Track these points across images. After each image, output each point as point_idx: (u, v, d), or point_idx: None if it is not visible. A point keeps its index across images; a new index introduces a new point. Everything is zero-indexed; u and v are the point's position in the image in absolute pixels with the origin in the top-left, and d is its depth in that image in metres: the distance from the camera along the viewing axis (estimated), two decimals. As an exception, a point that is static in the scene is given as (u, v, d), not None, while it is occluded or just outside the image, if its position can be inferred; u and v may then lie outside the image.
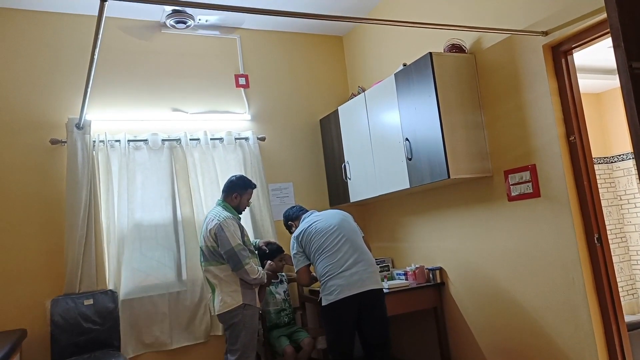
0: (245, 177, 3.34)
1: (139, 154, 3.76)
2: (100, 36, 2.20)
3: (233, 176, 3.32)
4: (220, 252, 3.05)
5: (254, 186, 3.34)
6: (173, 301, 3.66)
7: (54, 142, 3.53)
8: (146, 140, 3.79)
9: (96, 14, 2.05)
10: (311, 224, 3.08)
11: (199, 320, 3.70)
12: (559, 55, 2.74)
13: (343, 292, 2.85)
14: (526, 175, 2.89)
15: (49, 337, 3.21)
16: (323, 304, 2.95)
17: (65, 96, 3.66)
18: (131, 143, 3.74)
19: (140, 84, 3.93)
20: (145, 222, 3.69)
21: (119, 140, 3.70)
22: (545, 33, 2.72)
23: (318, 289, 3.34)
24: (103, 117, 3.74)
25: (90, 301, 3.32)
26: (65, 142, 3.53)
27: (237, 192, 3.24)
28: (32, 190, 3.47)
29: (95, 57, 2.41)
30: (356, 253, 2.95)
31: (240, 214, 3.29)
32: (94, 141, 3.61)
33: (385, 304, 3.00)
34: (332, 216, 3.11)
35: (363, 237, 3.16)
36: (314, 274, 3.13)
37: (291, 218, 3.35)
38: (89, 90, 2.87)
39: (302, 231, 3.09)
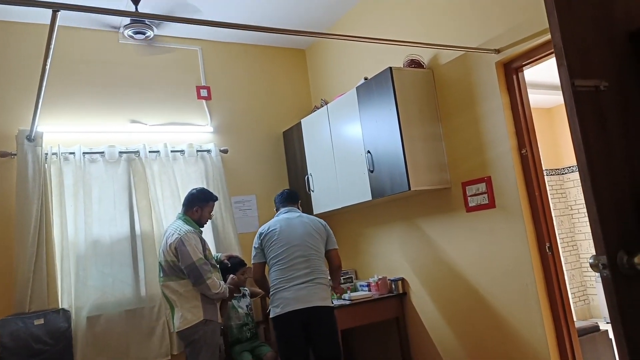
0: (206, 190, 3.29)
1: (94, 167, 3.65)
2: (52, 46, 2.14)
3: (194, 189, 3.26)
4: (180, 267, 2.98)
5: (216, 199, 3.29)
6: (131, 319, 3.54)
7: (3, 154, 3.39)
8: (102, 152, 3.68)
9: (48, 22, 1.99)
10: (276, 228, 3.06)
11: (159, 338, 3.58)
12: (511, 72, 2.86)
13: (288, 306, 2.87)
14: (482, 186, 2.98)
15: (-4, 360, 3.04)
16: (271, 316, 2.98)
17: (16, 107, 3.52)
18: (86, 155, 3.63)
19: (97, 95, 3.82)
20: (101, 238, 3.57)
21: (73, 153, 3.58)
22: (498, 51, 2.83)
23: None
24: (56, 128, 3.61)
25: (42, 321, 3.16)
26: (15, 154, 3.38)
27: (198, 205, 3.18)
28: (-21, 205, 3.31)
29: (47, 67, 2.33)
30: (309, 269, 2.96)
31: (202, 227, 3.23)
32: (46, 154, 3.48)
33: (333, 321, 3.00)
34: (300, 226, 3.06)
35: (334, 249, 3.14)
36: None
37: (276, 203, 3.33)
38: (40, 101, 2.77)
39: (266, 231, 3.10)
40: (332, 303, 3.05)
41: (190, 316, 2.96)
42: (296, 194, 3.40)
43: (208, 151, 4.08)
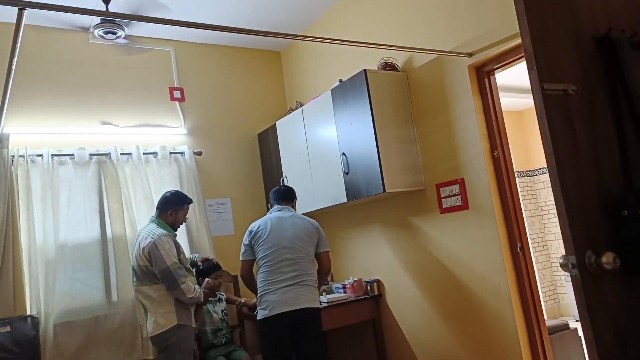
0: (180, 193, 3.23)
1: (63, 170, 3.55)
2: (18, 45, 2.07)
3: (167, 192, 3.20)
4: (154, 271, 2.92)
5: (190, 201, 3.24)
6: (101, 325, 3.45)
7: (-34, 156, 3.26)
8: (72, 154, 3.59)
9: (14, 21, 1.93)
10: (267, 226, 3.02)
11: (131, 344, 3.51)
12: (483, 75, 2.92)
13: (276, 308, 2.85)
14: (455, 188, 3.02)
15: (-42, 371, 2.92)
16: (258, 318, 2.94)
17: (-19, 107, 3.40)
18: (55, 158, 3.53)
19: (66, 96, 3.73)
20: (71, 242, 3.47)
21: (41, 155, 3.48)
22: (470, 54, 2.88)
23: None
24: (23, 130, 3.50)
25: (7, 328, 3.05)
26: (-20, 156, 3.27)
27: (172, 208, 3.12)
28: (-60, 210, 3.17)
29: (14, 66, 2.26)
30: (296, 272, 2.93)
31: (176, 230, 3.18)
32: (13, 156, 3.37)
33: (320, 323, 3.00)
34: (290, 227, 3.01)
35: (324, 252, 3.10)
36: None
37: (270, 199, 3.26)
38: (6, 101, 2.68)
39: (256, 227, 3.05)
40: (320, 304, 3.02)
41: (164, 321, 2.91)
42: (292, 192, 3.27)
43: (182, 153, 4.02)
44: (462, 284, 3.05)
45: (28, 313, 3.23)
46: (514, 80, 4.71)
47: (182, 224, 3.21)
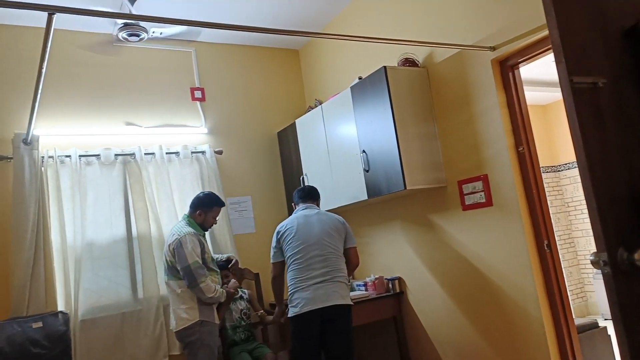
0: (213, 195, 3.27)
1: (90, 170, 3.63)
2: (48, 49, 2.13)
3: (201, 192, 3.29)
4: (177, 267, 2.99)
5: (222, 204, 3.28)
6: (128, 321, 3.52)
7: (-1, 158, 3.37)
8: (98, 155, 3.67)
9: (44, 26, 1.98)
10: (293, 225, 3.03)
11: (157, 339, 3.57)
12: (507, 69, 2.87)
13: (307, 305, 2.85)
14: (479, 185, 2.99)
15: (-7, 366, 3.02)
16: (289, 315, 2.96)
17: (12, 110, 3.50)
18: (82, 158, 3.61)
19: (92, 98, 3.81)
20: (98, 240, 3.56)
21: (69, 156, 3.56)
22: (493, 48, 2.84)
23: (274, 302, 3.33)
24: (52, 132, 3.59)
25: (40, 324, 3.14)
26: (12, 158, 3.36)
27: (201, 209, 3.18)
28: (-26, 210, 3.28)
29: (44, 70, 2.32)
30: (326, 268, 2.93)
31: (206, 230, 3.24)
32: (43, 157, 3.46)
33: (350, 320, 2.99)
34: (318, 224, 3.02)
35: (352, 247, 3.10)
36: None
37: (295, 199, 3.26)
38: (36, 104, 2.75)
39: (283, 227, 3.06)
40: (351, 301, 3.00)
41: (186, 317, 2.98)
42: (316, 191, 3.27)
43: (203, 152, 4.07)
44: (485, 282, 3.01)
45: (59, 309, 3.32)
46: (538, 74, 4.62)
47: (211, 225, 3.25)
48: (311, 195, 3.24)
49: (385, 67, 3.16)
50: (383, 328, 3.90)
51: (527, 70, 3.43)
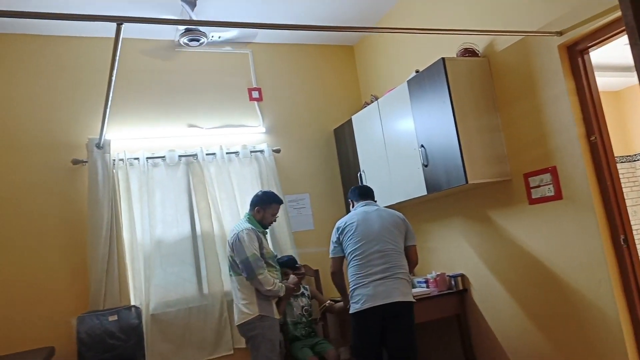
0: (270, 192, 3.36)
1: (156, 171, 3.81)
2: (117, 57, 2.25)
3: (260, 191, 3.39)
4: (236, 261, 3.10)
5: (280, 201, 3.35)
6: (195, 315, 3.68)
7: (75, 162, 3.61)
8: (164, 156, 3.84)
9: (113, 36, 2.09)
10: (354, 221, 3.03)
11: (222, 334, 3.70)
12: (575, 55, 2.71)
13: (368, 302, 2.85)
14: (547, 177, 2.84)
15: (76, 354, 3.24)
16: (350, 312, 2.96)
17: (85, 117, 3.74)
18: (149, 160, 3.80)
19: (157, 102, 3.99)
20: (165, 238, 3.73)
21: (137, 158, 3.76)
22: (560, 33, 2.69)
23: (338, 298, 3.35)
24: (122, 136, 3.81)
25: (115, 317, 3.35)
26: (86, 162, 3.59)
27: (259, 206, 3.27)
28: (56, 211, 3.54)
29: (113, 78, 2.46)
30: (387, 264, 2.91)
31: (266, 228, 3.32)
32: (114, 160, 3.68)
33: (412, 317, 2.95)
34: (378, 220, 3.02)
35: (412, 246, 3.09)
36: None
37: (352, 197, 3.28)
38: (107, 110, 2.93)
39: (344, 224, 3.07)
40: (413, 298, 2.97)
41: (247, 311, 3.08)
42: (372, 190, 3.30)
43: (261, 151, 4.15)
44: (556, 279, 2.86)
45: (132, 303, 3.52)
46: (609, 58, 4.33)
47: (271, 222, 3.33)
48: (369, 193, 3.26)
49: (443, 58, 3.07)
50: (446, 326, 3.82)
51: (598, 55, 3.23)
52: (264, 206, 3.27)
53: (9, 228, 3.42)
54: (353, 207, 3.25)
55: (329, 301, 3.75)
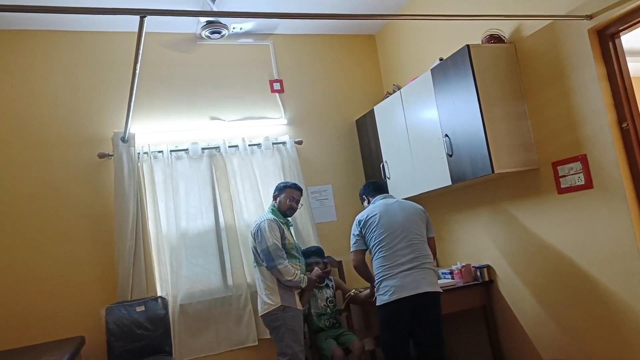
0: (288, 181, 3.43)
1: (180, 164, 3.85)
2: (141, 50, 2.26)
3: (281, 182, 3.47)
4: (258, 251, 3.14)
5: (293, 186, 3.37)
6: (219, 306, 3.72)
7: (101, 155, 3.67)
8: (187, 149, 3.87)
9: (135, 30, 2.10)
10: (376, 213, 3.01)
11: (246, 325, 3.74)
12: (606, 39, 2.62)
13: (396, 293, 2.82)
14: (576, 166, 2.76)
15: (105, 344, 3.32)
16: (377, 304, 2.94)
17: (110, 111, 3.79)
18: (173, 153, 3.83)
19: (179, 95, 4.02)
20: (190, 230, 3.77)
21: (161, 151, 3.80)
22: (590, 17, 2.60)
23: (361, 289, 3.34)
24: (146, 129, 3.85)
25: (142, 308, 3.41)
26: (112, 155, 3.65)
27: (275, 193, 3.37)
28: (84, 205, 3.62)
29: (137, 71, 2.47)
30: (413, 254, 2.89)
31: (287, 217, 3.34)
32: (139, 153, 3.72)
33: (440, 308, 2.93)
34: (400, 211, 3.01)
35: (432, 237, 3.09)
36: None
37: (366, 192, 3.28)
38: (132, 104, 2.96)
39: (365, 216, 3.05)
40: (440, 288, 2.96)
41: (269, 301, 3.11)
42: (386, 183, 3.33)
43: (283, 143, 4.15)
44: (586, 271, 2.79)
45: (158, 294, 3.57)
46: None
47: (289, 208, 3.33)
48: (383, 187, 3.28)
49: (468, 45, 3.01)
50: (471, 318, 3.77)
51: (629, 39, 3.11)
52: (279, 192, 3.34)
53: (41, 223, 3.50)
54: (368, 202, 3.24)
55: (353, 290, 3.74)
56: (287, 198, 3.32)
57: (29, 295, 3.39)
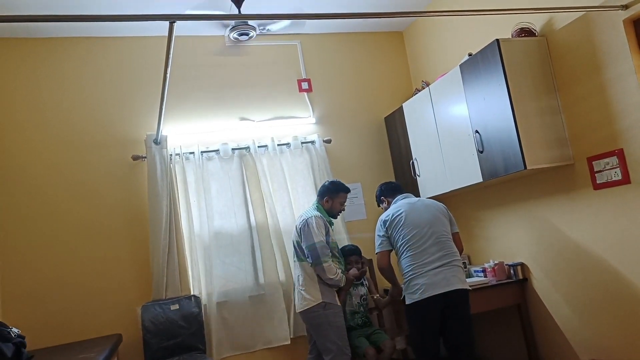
0: (338, 182, 3.38)
1: (211, 164, 3.92)
2: (171, 54, 2.32)
3: (327, 181, 3.42)
4: (302, 246, 3.13)
5: (347, 190, 3.37)
6: (252, 305, 3.77)
7: (135, 158, 3.77)
8: (217, 150, 3.94)
9: (165, 34, 2.16)
10: (401, 212, 3.00)
11: (279, 323, 3.77)
12: (643, 29, 2.53)
13: (427, 291, 2.80)
14: (613, 160, 2.68)
15: (141, 341, 3.42)
16: (407, 303, 2.91)
17: (143, 114, 3.89)
18: (204, 154, 3.91)
19: (209, 97, 4.09)
20: (222, 230, 3.83)
21: (193, 152, 3.87)
22: (626, 7, 2.51)
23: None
24: (177, 131, 3.94)
25: (177, 306, 3.49)
26: (145, 157, 3.75)
27: (328, 195, 3.32)
28: (120, 206, 3.73)
29: (168, 75, 2.54)
30: (442, 251, 2.88)
31: (334, 217, 3.36)
32: (171, 155, 3.81)
33: (469, 306, 2.91)
34: (425, 209, 3.01)
35: (456, 233, 3.07)
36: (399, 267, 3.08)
37: (385, 193, 3.29)
38: (163, 107, 3.04)
39: (390, 216, 3.04)
40: (469, 286, 2.93)
41: (309, 297, 3.10)
42: (401, 185, 3.38)
43: (312, 142, 4.17)
44: (625, 269, 2.70)
45: (192, 293, 3.65)
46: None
47: (339, 211, 3.36)
48: (401, 187, 3.30)
49: (497, 40, 2.95)
50: (505, 316, 3.71)
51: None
52: (332, 195, 3.31)
53: (78, 224, 3.63)
54: (387, 204, 3.23)
55: (376, 295, 3.73)
56: (340, 202, 3.33)
57: (69, 295, 3.52)
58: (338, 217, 3.44)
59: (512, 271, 3.51)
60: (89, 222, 3.65)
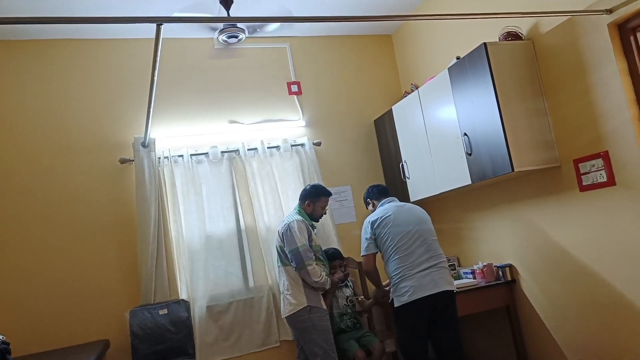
0: (319, 185, 3.40)
1: (200, 167, 3.90)
2: (158, 57, 2.31)
3: (308, 185, 3.44)
4: (285, 251, 3.13)
5: (329, 194, 3.39)
6: (241, 308, 3.75)
7: (123, 161, 3.74)
8: (207, 153, 3.92)
9: (153, 37, 2.15)
10: (389, 215, 3.03)
11: (267, 326, 3.76)
12: (627, 33, 2.56)
13: (416, 294, 2.81)
14: (598, 162, 2.71)
15: (129, 347, 3.39)
16: (395, 306, 2.91)
17: (130, 117, 3.87)
18: (193, 157, 3.88)
19: (198, 100, 4.08)
20: (211, 233, 3.81)
21: (181, 155, 3.85)
22: (610, 11, 2.55)
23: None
24: (166, 134, 3.91)
25: (165, 311, 3.47)
26: (133, 160, 3.72)
27: (309, 199, 3.33)
28: (107, 210, 3.69)
29: (155, 78, 2.52)
30: (429, 253, 2.91)
31: (316, 221, 3.36)
32: (159, 158, 3.78)
33: (456, 307, 2.94)
34: (411, 212, 3.06)
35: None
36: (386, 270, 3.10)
37: (371, 196, 3.31)
38: (151, 109, 3.02)
39: (378, 219, 3.06)
40: (455, 288, 2.97)
41: (295, 302, 3.10)
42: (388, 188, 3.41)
43: (302, 145, 4.17)
44: (610, 271, 2.73)
45: (180, 297, 3.63)
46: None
47: (320, 215, 3.37)
48: (388, 191, 3.33)
49: (485, 43, 2.98)
50: (495, 318, 3.72)
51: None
52: (314, 199, 3.32)
53: (65, 228, 3.59)
54: (373, 206, 3.26)
55: (361, 297, 3.74)
56: (321, 206, 3.35)
57: (55, 300, 3.48)
58: (319, 220, 3.45)
59: (500, 273, 3.53)
60: (76, 226, 3.61)
